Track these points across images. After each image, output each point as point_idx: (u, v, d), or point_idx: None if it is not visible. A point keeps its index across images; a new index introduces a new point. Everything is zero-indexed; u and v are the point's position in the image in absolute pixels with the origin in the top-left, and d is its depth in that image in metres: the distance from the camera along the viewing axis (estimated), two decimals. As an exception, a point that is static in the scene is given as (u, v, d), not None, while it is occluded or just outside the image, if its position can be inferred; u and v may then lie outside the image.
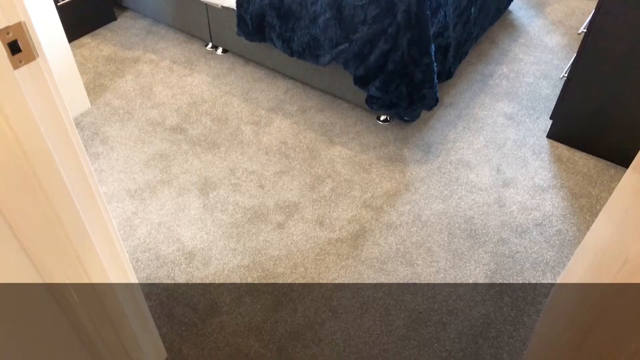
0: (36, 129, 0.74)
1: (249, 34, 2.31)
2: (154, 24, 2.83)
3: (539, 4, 3.09)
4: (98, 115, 2.28)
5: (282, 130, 2.23)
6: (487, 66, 2.59)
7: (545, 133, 2.23)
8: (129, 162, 2.08)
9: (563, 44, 2.75)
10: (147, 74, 2.51)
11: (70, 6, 2.57)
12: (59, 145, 0.80)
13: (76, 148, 0.84)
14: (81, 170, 0.87)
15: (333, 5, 1.97)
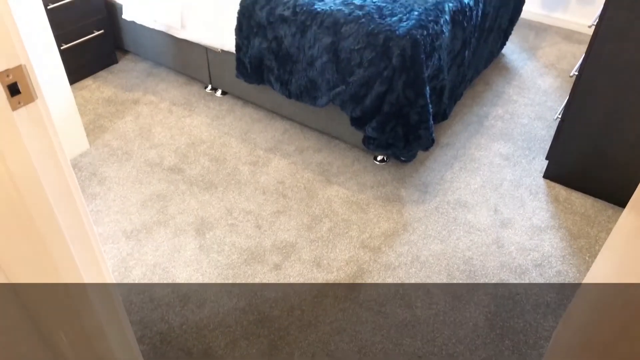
0: (32, 170, 0.74)
1: (247, 76, 2.36)
2: (155, 66, 2.89)
3: (530, 47, 3.17)
4: (96, 156, 2.29)
5: (280, 170, 2.24)
6: (482, 107, 2.63)
7: (542, 173, 2.24)
8: (126, 203, 2.07)
9: (556, 86, 2.81)
10: (147, 116, 2.54)
11: (73, 49, 2.62)
12: (55, 187, 0.80)
13: (72, 190, 0.84)
14: (76, 211, 0.86)
15: (330, 49, 2.02)
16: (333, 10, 2.02)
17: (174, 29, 2.52)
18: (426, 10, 2.01)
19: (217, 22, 2.33)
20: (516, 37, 3.23)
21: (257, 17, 2.17)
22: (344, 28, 1.98)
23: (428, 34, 1.95)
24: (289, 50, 2.14)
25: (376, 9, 2.01)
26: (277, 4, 2.12)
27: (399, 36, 1.90)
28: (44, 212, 0.79)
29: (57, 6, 2.47)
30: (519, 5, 2.83)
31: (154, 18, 2.54)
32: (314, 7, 2.05)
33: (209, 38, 2.42)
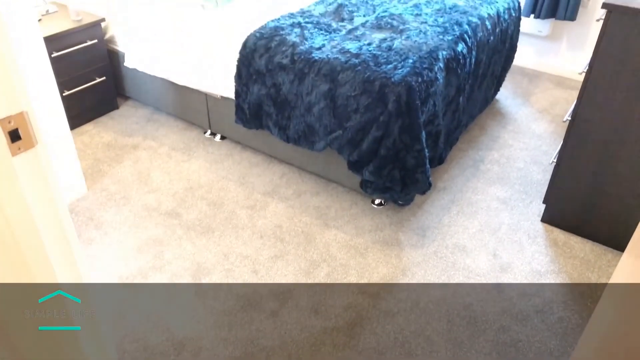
0: (29, 216, 0.74)
1: (246, 121, 2.39)
2: (155, 112, 2.93)
3: (524, 93, 3.24)
4: (94, 201, 2.29)
5: (278, 214, 2.23)
6: (478, 152, 2.66)
7: (539, 217, 2.24)
8: (122, 248, 2.05)
9: (550, 131, 2.85)
10: (146, 160, 2.55)
11: (74, 95, 2.67)
12: (51, 232, 0.80)
13: (68, 235, 0.83)
14: (71, 257, 0.85)
15: (327, 95, 2.06)
16: (330, 59, 2.07)
17: (174, 76, 2.57)
18: (420, 58, 2.06)
19: (217, 69, 2.38)
20: (510, 83, 3.30)
21: (256, 64, 2.22)
22: (341, 75, 2.02)
23: (423, 80, 1.99)
24: (287, 96, 2.18)
25: (372, 57, 2.06)
26: (276, 52, 2.17)
27: (394, 83, 1.94)
28: (39, 258, 0.78)
29: (61, 54, 2.53)
30: (511, 52, 2.92)
31: (155, 66, 2.59)
32: (311, 56, 2.10)
33: (209, 85, 2.47)
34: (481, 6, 2.56)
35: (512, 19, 2.76)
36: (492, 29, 2.53)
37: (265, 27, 2.29)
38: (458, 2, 2.57)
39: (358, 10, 2.52)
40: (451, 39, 2.24)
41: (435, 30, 2.29)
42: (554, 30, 3.36)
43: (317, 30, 2.30)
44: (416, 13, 2.47)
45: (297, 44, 2.17)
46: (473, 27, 2.38)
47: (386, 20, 2.39)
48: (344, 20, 2.43)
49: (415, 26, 2.32)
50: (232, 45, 2.30)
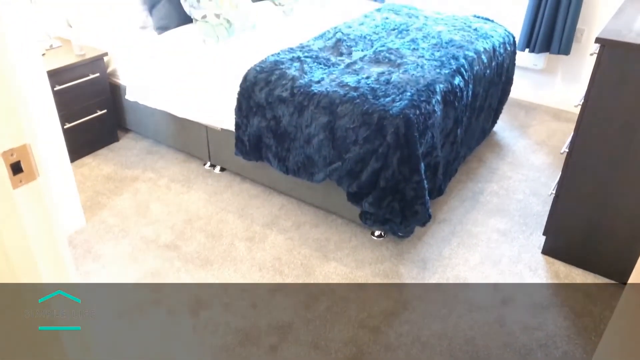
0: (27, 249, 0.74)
1: (246, 153, 2.40)
2: (155, 144, 2.95)
3: (521, 125, 3.27)
4: (92, 233, 2.28)
5: (277, 246, 2.22)
6: (477, 184, 2.67)
7: (540, 249, 2.22)
8: (120, 281, 2.03)
9: (548, 163, 2.86)
10: (145, 192, 2.55)
11: (75, 128, 2.69)
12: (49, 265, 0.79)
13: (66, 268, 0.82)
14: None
15: (326, 127, 2.08)
16: (329, 92, 2.10)
17: (175, 109, 2.60)
18: (418, 91, 2.09)
19: (218, 102, 2.41)
20: (507, 115, 3.34)
21: (256, 97, 2.25)
22: (340, 108, 2.05)
23: (420, 113, 2.02)
24: (287, 128, 2.20)
25: (370, 90, 2.09)
26: (276, 85, 2.21)
27: (392, 115, 1.96)
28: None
29: (63, 88, 2.56)
30: (507, 85, 2.96)
31: (156, 99, 2.63)
32: (311, 89, 2.13)
33: (209, 117, 2.49)
34: (477, 40, 2.61)
35: (508, 53, 2.82)
36: (488, 63, 2.57)
37: (266, 61, 2.33)
38: (454, 37, 2.63)
39: (356, 45, 2.58)
40: (448, 73, 2.27)
41: (432, 64, 2.33)
42: (549, 63, 3.42)
43: (316, 64, 2.34)
44: (413, 47, 2.52)
45: (296, 78, 2.20)
46: (469, 61, 2.42)
47: (384, 54, 2.43)
48: (342, 55, 2.48)
49: (412, 60, 2.37)
50: (232, 78, 2.34)
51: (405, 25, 2.82)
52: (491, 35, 2.72)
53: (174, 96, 2.55)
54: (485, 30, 2.76)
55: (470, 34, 2.68)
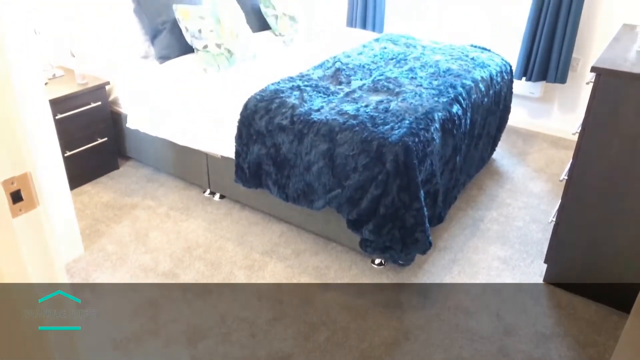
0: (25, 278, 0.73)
1: (246, 180, 2.41)
2: (155, 172, 2.96)
3: (520, 153, 3.29)
4: (91, 261, 2.26)
5: (276, 274, 2.20)
6: (477, 211, 2.66)
7: (542, 277, 2.20)
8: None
9: (547, 190, 2.87)
10: (144, 220, 2.54)
11: (76, 156, 2.70)
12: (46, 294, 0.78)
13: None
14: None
15: (326, 154, 2.09)
16: (329, 120, 2.12)
17: (176, 137, 2.62)
18: (416, 119, 2.11)
19: (218, 130, 2.43)
20: (505, 143, 3.36)
21: (256, 125, 2.27)
22: (339, 136, 2.06)
23: (419, 140, 2.03)
24: (287, 155, 2.21)
25: (369, 118, 2.11)
26: (276, 114, 2.22)
27: (391, 143, 1.97)
28: (32, 321, 0.76)
29: (65, 116, 2.58)
30: (505, 114, 2.99)
31: (157, 127, 2.64)
32: (310, 117, 2.15)
33: (209, 145, 2.51)
34: (474, 69, 2.65)
35: (505, 81, 2.85)
36: (486, 91, 2.60)
37: (266, 90, 2.36)
38: (452, 66, 2.66)
39: (355, 74, 2.61)
40: (446, 101, 2.30)
41: (430, 93, 2.35)
42: (546, 92, 3.46)
43: (316, 92, 2.36)
44: (411, 77, 2.55)
45: (296, 106, 2.22)
46: (467, 89, 2.45)
47: (382, 83, 2.46)
48: (341, 84, 2.51)
49: (410, 89, 2.40)
50: (233, 106, 2.36)
51: (403, 55, 2.87)
52: (488, 64, 2.76)
53: (175, 124, 2.57)
54: (483, 59, 2.80)
55: (468, 63, 2.72)
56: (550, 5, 3.09)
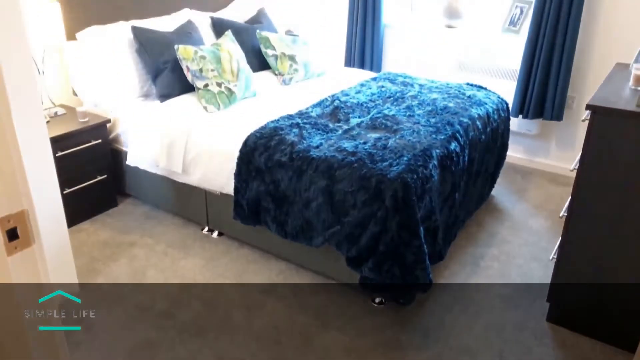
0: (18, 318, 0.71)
1: (245, 217, 2.40)
2: (154, 209, 2.95)
3: (518, 190, 3.29)
4: (86, 301, 2.22)
5: (274, 313, 2.16)
6: (477, 248, 2.64)
7: (544, 316, 2.16)
8: (112, 352, 1.96)
9: (547, 227, 2.85)
10: (142, 258, 2.52)
11: (75, 193, 2.69)
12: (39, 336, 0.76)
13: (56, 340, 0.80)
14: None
15: (325, 191, 2.09)
16: (327, 156, 2.13)
17: (175, 174, 2.62)
18: (415, 156, 2.12)
19: (218, 167, 2.44)
20: (504, 180, 3.36)
21: (256, 162, 2.28)
22: (338, 172, 2.07)
23: (418, 177, 2.03)
24: (286, 192, 2.21)
25: (367, 155, 2.12)
26: (275, 150, 2.24)
27: (390, 179, 1.98)
28: None
29: (65, 154, 2.59)
30: (502, 151, 3.01)
31: (157, 164, 2.66)
32: (309, 154, 2.16)
33: (209, 182, 2.51)
34: (471, 107, 2.68)
35: (502, 119, 2.89)
36: (483, 129, 2.63)
37: (265, 127, 2.38)
38: (449, 104, 2.70)
39: (353, 112, 2.64)
40: (444, 138, 2.32)
41: (428, 130, 2.38)
42: (543, 129, 3.49)
43: (315, 130, 2.39)
44: (409, 114, 2.58)
45: (295, 143, 2.24)
46: (464, 127, 2.48)
47: (380, 120, 2.49)
48: (340, 121, 2.53)
49: (408, 126, 2.42)
50: (233, 144, 2.38)
51: (400, 93, 2.91)
52: (485, 102, 2.80)
53: (175, 161, 2.58)
54: (479, 97, 2.85)
55: (464, 101, 2.76)
56: (544, 44, 3.16)
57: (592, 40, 3.17)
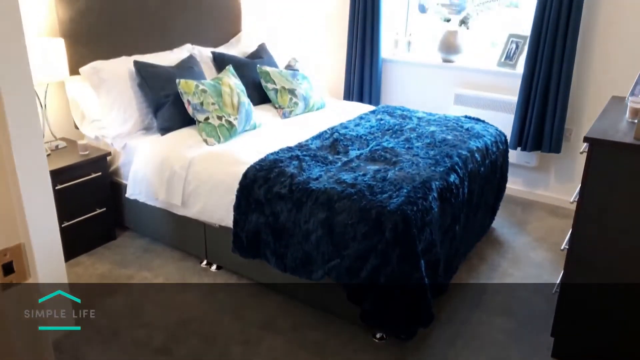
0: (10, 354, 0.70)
1: (244, 250, 2.38)
2: (152, 242, 2.93)
3: (519, 222, 3.28)
4: (81, 336, 2.18)
5: (273, 349, 2.12)
6: (479, 281, 2.61)
7: (550, 351, 2.12)
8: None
9: (549, 259, 2.83)
10: (139, 292, 2.48)
11: (73, 226, 2.68)
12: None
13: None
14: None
15: (324, 223, 2.08)
16: (327, 188, 2.13)
17: (174, 207, 2.62)
18: (414, 188, 2.12)
19: (217, 199, 2.43)
20: (504, 212, 3.35)
21: (255, 194, 2.27)
22: (338, 204, 2.06)
23: (418, 209, 2.03)
24: (285, 224, 2.20)
25: (367, 187, 2.12)
26: (275, 182, 2.24)
27: (390, 211, 1.97)
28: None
29: (65, 186, 2.59)
30: (502, 183, 3.01)
31: (156, 196, 2.65)
32: (309, 186, 2.16)
33: (208, 215, 2.50)
34: (469, 140, 2.70)
35: (500, 151, 2.90)
36: (482, 161, 2.64)
37: (265, 159, 2.39)
38: (447, 137, 2.72)
39: (352, 144, 2.66)
40: (443, 170, 2.32)
41: (427, 162, 2.39)
42: (541, 161, 3.51)
43: (314, 162, 2.40)
44: (407, 147, 2.60)
45: (295, 175, 2.24)
46: (463, 159, 2.49)
47: (379, 153, 2.50)
48: (339, 153, 2.55)
49: (407, 158, 2.43)
50: (232, 176, 2.38)
51: (399, 126, 2.94)
52: (483, 134, 2.82)
53: (174, 194, 2.57)
54: (477, 129, 2.87)
55: (463, 134, 2.78)
56: (540, 78, 3.21)
57: (587, 74, 3.22)
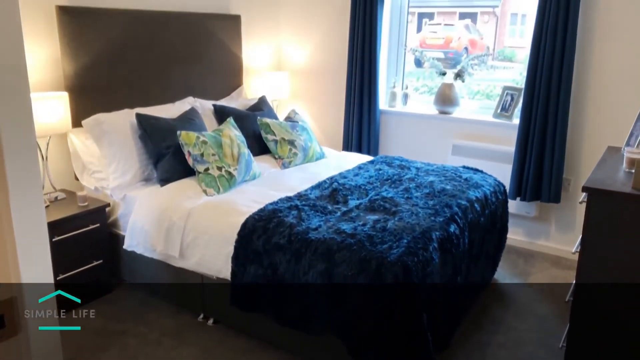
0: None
1: (242, 303, 2.33)
2: (149, 295, 2.87)
3: (521, 273, 3.23)
4: (71, 394, 2.10)
5: (271, 408, 2.03)
6: (483, 335, 2.54)
7: (559, 408, 2.04)
8: None
9: (554, 312, 2.77)
10: (134, 348, 2.41)
11: (69, 279, 2.63)
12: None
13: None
14: None
15: (324, 274, 2.04)
16: (326, 238, 2.11)
17: (172, 258, 2.58)
18: (414, 239, 2.10)
19: (216, 250, 2.41)
20: (506, 263, 3.31)
21: (253, 245, 2.25)
22: (337, 255, 2.04)
23: (418, 260, 2.00)
24: (284, 276, 2.16)
25: (367, 237, 2.10)
26: (274, 233, 2.22)
27: (390, 262, 1.95)
28: None
29: (62, 238, 2.57)
30: (502, 233, 2.99)
31: (154, 248, 2.62)
32: (308, 236, 2.15)
33: (206, 266, 2.47)
34: (468, 190, 2.71)
35: (499, 201, 2.90)
36: (482, 211, 2.63)
37: (264, 209, 2.39)
38: (446, 187, 2.73)
39: (352, 194, 2.66)
40: (442, 220, 2.31)
41: (427, 212, 2.38)
42: (541, 211, 3.50)
43: (313, 212, 2.39)
44: (407, 196, 2.60)
45: (294, 225, 2.23)
46: (463, 209, 2.48)
47: (379, 202, 2.50)
48: (338, 203, 2.54)
49: (407, 208, 2.43)
50: (231, 227, 2.36)
51: (398, 176, 2.95)
52: (482, 184, 2.83)
53: (172, 245, 2.55)
54: (476, 179, 2.88)
55: (462, 184, 2.79)
56: (536, 128, 3.25)
57: (582, 125, 3.28)
